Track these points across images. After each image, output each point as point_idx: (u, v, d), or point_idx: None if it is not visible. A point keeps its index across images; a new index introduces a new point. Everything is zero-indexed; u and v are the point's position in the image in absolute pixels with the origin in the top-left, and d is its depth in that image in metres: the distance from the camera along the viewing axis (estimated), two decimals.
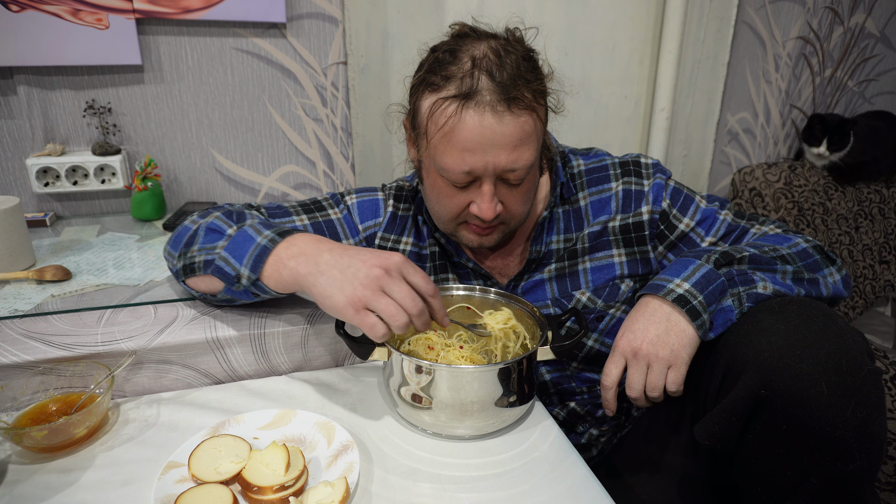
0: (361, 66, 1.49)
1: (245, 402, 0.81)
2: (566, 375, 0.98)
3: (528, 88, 0.78)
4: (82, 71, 1.30)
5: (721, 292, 0.77)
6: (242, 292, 0.80)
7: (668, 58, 1.72)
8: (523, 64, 0.79)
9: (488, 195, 0.81)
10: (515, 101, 0.76)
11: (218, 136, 1.45)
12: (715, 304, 0.76)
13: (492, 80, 0.76)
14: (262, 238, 0.76)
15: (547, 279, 0.95)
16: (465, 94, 0.76)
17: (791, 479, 0.68)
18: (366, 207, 0.99)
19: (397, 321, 0.68)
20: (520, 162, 0.79)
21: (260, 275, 0.76)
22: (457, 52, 0.79)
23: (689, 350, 0.76)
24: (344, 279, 0.69)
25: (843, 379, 0.64)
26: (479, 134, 0.77)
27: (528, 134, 0.79)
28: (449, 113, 0.77)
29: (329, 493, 0.61)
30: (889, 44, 1.99)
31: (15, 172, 1.33)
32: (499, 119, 0.76)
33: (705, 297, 0.76)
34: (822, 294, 0.84)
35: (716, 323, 0.76)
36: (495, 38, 0.81)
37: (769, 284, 0.78)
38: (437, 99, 0.79)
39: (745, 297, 0.77)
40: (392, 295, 0.69)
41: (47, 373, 0.76)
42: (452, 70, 0.78)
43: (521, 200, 0.85)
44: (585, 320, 0.81)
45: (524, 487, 0.68)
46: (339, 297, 0.69)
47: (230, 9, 1.33)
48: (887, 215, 1.95)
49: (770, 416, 0.67)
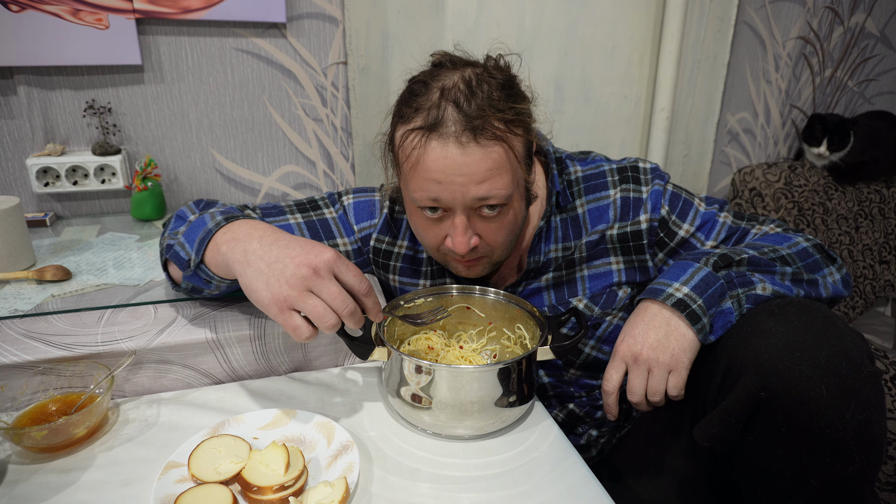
0: (361, 66, 1.49)
1: (245, 402, 0.81)
2: (564, 381, 0.98)
3: (498, 118, 0.76)
4: (82, 71, 1.30)
5: (720, 295, 0.77)
6: (193, 276, 0.79)
7: (668, 58, 1.72)
8: (497, 93, 0.77)
9: (461, 228, 0.80)
10: (482, 131, 0.75)
11: (218, 136, 1.45)
12: (714, 307, 0.76)
13: (458, 111, 0.75)
14: (212, 223, 0.76)
15: (545, 287, 0.95)
16: (430, 125, 0.76)
17: (791, 481, 0.68)
18: (362, 208, 0.98)
19: (325, 322, 0.65)
20: (491, 193, 0.77)
21: (202, 258, 0.75)
22: (429, 83, 0.79)
23: (689, 354, 0.76)
24: (270, 274, 0.67)
25: (843, 381, 0.64)
26: (442, 164, 0.76)
27: (497, 164, 0.77)
28: (415, 144, 0.77)
29: (329, 493, 0.61)
30: (889, 44, 1.99)
31: (15, 172, 1.33)
32: (463, 150, 0.75)
33: (705, 301, 0.76)
34: (822, 295, 0.83)
35: (716, 326, 0.76)
36: (473, 67, 0.80)
37: (768, 286, 0.78)
38: (406, 130, 0.79)
39: (744, 298, 0.77)
40: (321, 295, 0.66)
41: (47, 373, 0.76)
42: (421, 101, 0.78)
43: (502, 233, 0.83)
44: (585, 320, 0.81)
45: (524, 487, 0.68)
46: (264, 293, 0.67)
47: (230, 9, 1.33)
48: (887, 215, 1.95)
49: (770, 417, 0.67)
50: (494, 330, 0.89)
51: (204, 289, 0.83)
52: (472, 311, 0.89)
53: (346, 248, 0.98)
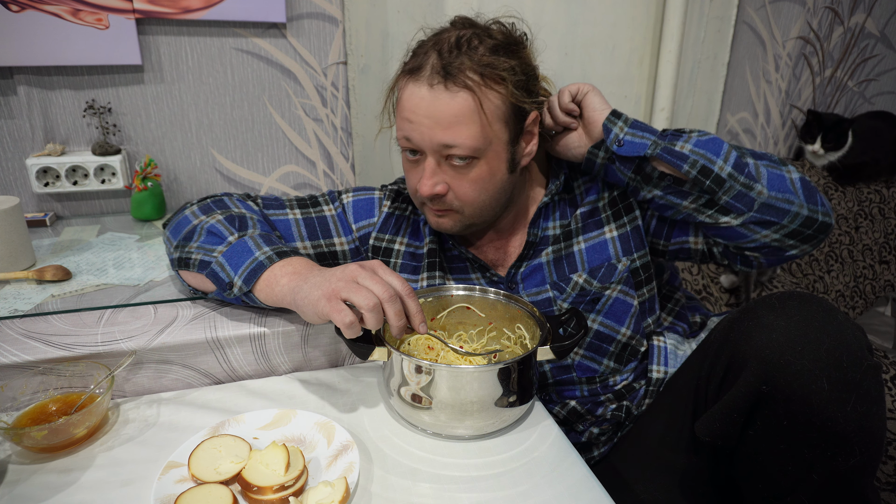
0: (361, 66, 1.49)
1: (245, 402, 0.81)
2: (566, 366, 0.98)
3: (473, 69, 0.80)
4: (82, 71, 1.30)
5: (645, 130, 0.86)
6: (233, 298, 0.83)
7: (668, 58, 1.72)
8: (485, 50, 0.82)
9: (428, 171, 0.85)
10: (453, 78, 0.80)
11: (218, 136, 1.45)
12: (637, 132, 0.86)
13: (438, 59, 0.81)
14: (260, 254, 0.80)
15: (545, 262, 0.96)
16: (411, 69, 0.83)
17: (792, 475, 0.68)
18: (361, 207, 0.99)
19: (368, 301, 0.69)
20: (457, 140, 0.81)
21: (252, 288, 0.79)
22: (433, 38, 0.85)
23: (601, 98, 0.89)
24: (323, 279, 0.73)
25: (844, 374, 0.64)
26: (414, 105, 0.82)
27: (464, 113, 0.81)
28: (400, 86, 0.85)
29: (329, 493, 0.61)
30: (889, 44, 1.99)
31: (15, 172, 1.33)
32: (433, 94, 0.80)
33: (632, 125, 0.86)
34: (766, 179, 0.84)
35: (626, 140, 0.85)
36: (475, 28, 0.85)
37: (689, 145, 0.83)
38: (397, 76, 0.87)
39: (661, 143, 0.84)
40: (365, 284, 0.71)
41: (47, 373, 0.76)
42: (417, 51, 0.85)
43: (472, 188, 0.86)
44: (585, 320, 0.81)
45: (524, 487, 0.68)
46: (316, 293, 0.71)
47: (230, 9, 1.33)
48: (887, 215, 1.95)
49: (771, 412, 0.67)
50: (494, 330, 0.89)
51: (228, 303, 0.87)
52: (472, 311, 0.89)
53: (343, 247, 0.99)
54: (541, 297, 0.95)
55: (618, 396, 0.98)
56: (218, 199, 0.94)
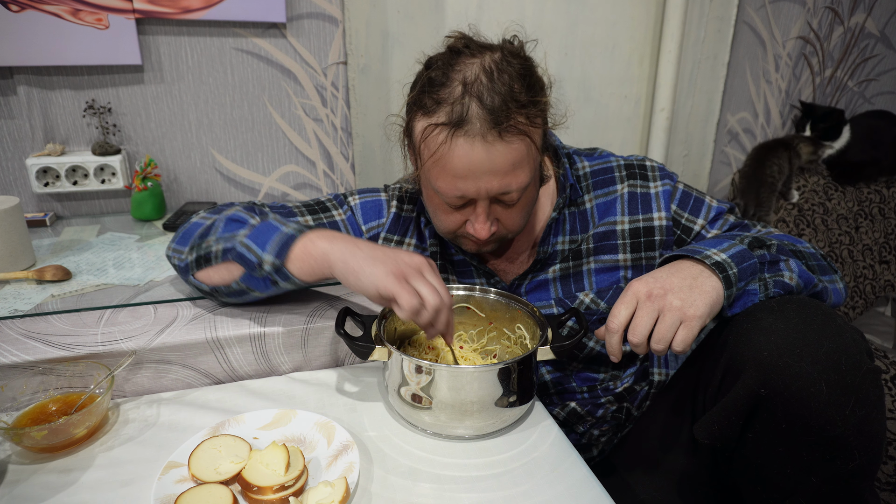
0: (361, 66, 1.49)
1: (245, 402, 0.81)
2: (566, 375, 0.98)
3: (520, 112, 0.76)
4: (82, 71, 1.30)
5: (752, 273, 0.75)
6: (261, 279, 0.80)
7: (668, 58, 1.72)
8: (517, 84, 0.77)
9: (482, 216, 0.82)
10: (506, 128, 0.75)
11: (218, 136, 1.45)
12: (744, 283, 0.75)
13: (482, 107, 0.75)
14: (287, 228, 0.79)
15: (551, 279, 0.95)
16: (455, 122, 0.75)
17: (791, 478, 0.68)
18: (369, 208, 0.98)
19: (436, 298, 0.70)
20: (513, 185, 0.79)
21: (285, 259, 0.77)
22: (449, 73, 0.78)
23: (707, 309, 0.71)
24: (385, 257, 0.73)
25: (843, 377, 0.64)
26: (468, 162, 0.76)
27: (520, 158, 0.78)
28: (440, 140, 0.77)
29: (329, 493, 0.61)
30: (889, 44, 1.99)
31: (15, 172, 1.33)
32: (489, 148, 0.75)
33: (739, 272, 0.74)
34: (834, 299, 0.84)
35: (737, 302, 0.75)
36: (490, 52, 0.79)
37: (794, 275, 0.78)
38: (429, 124, 0.78)
39: (770, 283, 0.76)
40: (430, 280, 0.72)
41: (47, 373, 0.76)
42: (444, 94, 0.77)
43: (518, 216, 0.85)
44: (586, 320, 0.81)
45: (524, 487, 0.68)
46: (381, 269, 0.71)
47: (230, 9, 1.33)
48: (887, 215, 1.95)
49: (770, 414, 0.67)
50: (494, 330, 0.89)
51: (253, 290, 0.84)
52: (472, 311, 0.89)
53: None
54: (544, 312, 0.94)
55: (618, 398, 0.98)
56: (225, 204, 0.93)
